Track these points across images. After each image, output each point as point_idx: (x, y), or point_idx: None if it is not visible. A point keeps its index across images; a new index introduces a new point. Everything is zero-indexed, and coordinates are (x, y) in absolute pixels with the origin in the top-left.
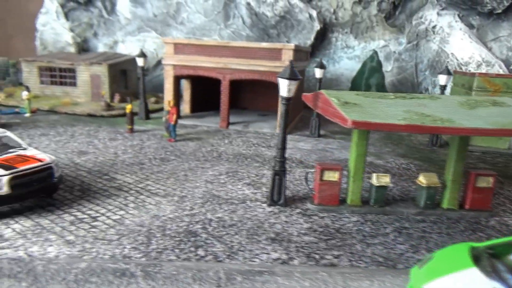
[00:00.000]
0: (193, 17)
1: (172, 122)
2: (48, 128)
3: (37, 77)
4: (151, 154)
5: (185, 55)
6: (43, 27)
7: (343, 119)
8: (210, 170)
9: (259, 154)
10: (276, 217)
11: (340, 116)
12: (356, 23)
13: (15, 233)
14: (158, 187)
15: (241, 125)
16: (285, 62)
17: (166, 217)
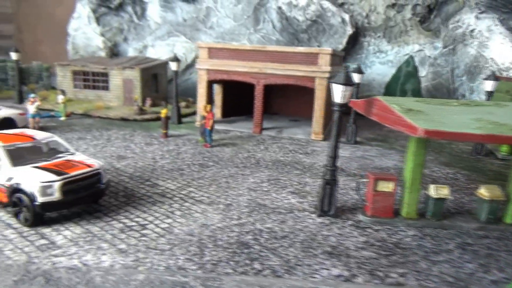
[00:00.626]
0: (223, 21)
1: (208, 127)
2: (84, 131)
3: (70, 81)
4: (189, 160)
5: (219, 60)
6: (75, 32)
7: (412, 128)
8: (251, 177)
9: (298, 161)
10: (329, 229)
11: (406, 124)
12: (389, 27)
13: (67, 240)
14: (202, 194)
15: (274, 131)
16: (321, 66)
17: (215, 227)
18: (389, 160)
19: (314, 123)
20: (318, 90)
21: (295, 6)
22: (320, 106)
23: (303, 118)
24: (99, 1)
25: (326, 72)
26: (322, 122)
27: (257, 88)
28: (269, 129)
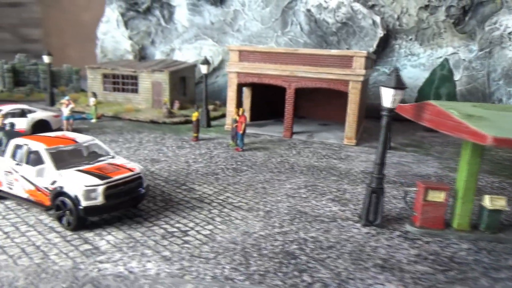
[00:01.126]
0: (250, 24)
1: (241, 131)
2: (116, 134)
3: (101, 84)
4: (222, 164)
5: (250, 63)
6: (104, 36)
7: (478, 135)
8: (287, 183)
9: (333, 167)
10: (376, 240)
11: (471, 131)
12: (422, 30)
13: (111, 246)
14: (239, 200)
15: (304, 135)
16: (355, 70)
17: (257, 235)
18: (427, 167)
19: (347, 128)
20: (352, 93)
21: (325, 8)
22: (353, 110)
23: (332, 122)
24: (128, 5)
25: (360, 76)
26: (355, 126)
27: (288, 92)
28: (299, 133)
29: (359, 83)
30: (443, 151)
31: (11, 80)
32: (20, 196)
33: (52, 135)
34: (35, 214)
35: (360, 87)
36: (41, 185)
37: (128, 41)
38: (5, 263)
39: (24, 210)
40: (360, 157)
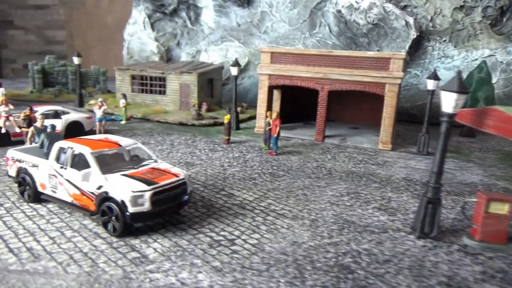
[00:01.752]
0: (277, 26)
1: (275, 134)
2: (147, 136)
3: (129, 85)
4: (258, 168)
5: (282, 65)
6: (130, 37)
7: None
8: (328, 189)
9: (372, 173)
10: (435, 254)
11: None
12: (456, 31)
13: (158, 254)
14: (282, 207)
15: (336, 139)
16: (393, 72)
17: (307, 245)
18: (472, 175)
19: (382, 132)
20: (388, 97)
21: (356, 9)
22: (389, 114)
23: (362, 125)
24: (155, 7)
25: (398, 78)
26: (391, 131)
27: (321, 94)
28: (331, 136)
29: (396, 86)
30: (484, 157)
31: (40, 81)
32: (64, 200)
33: (95, 138)
34: (78, 218)
35: (397, 90)
36: (87, 189)
37: (154, 42)
38: (55, 271)
39: (67, 214)
40: (398, 163)
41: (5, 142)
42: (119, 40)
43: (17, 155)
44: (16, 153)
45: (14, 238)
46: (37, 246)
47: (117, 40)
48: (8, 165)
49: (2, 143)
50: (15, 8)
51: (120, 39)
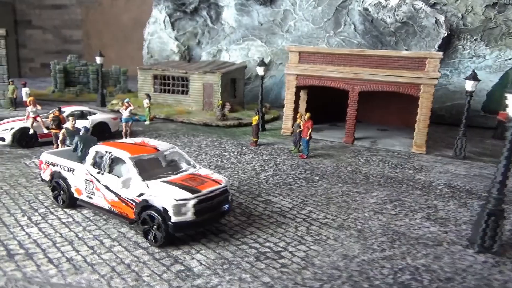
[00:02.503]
0: (300, 24)
1: (306, 137)
2: (172, 137)
3: (151, 85)
4: (291, 173)
5: (311, 65)
6: (151, 37)
7: None
8: (368, 196)
9: (411, 179)
10: (500, 272)
11: None
12: (489, 29)
13: (204, 267)
14: (324, 216)
15: (367, 141)
16: (429, 72)
17: (359, 259)
18: None
19: (416, 135)
20: (424, 98)
21: (384, 7)
22: (425, 116)
23: (390, 127)
24: (176, 6)
25: (434, 79)
26: (426, 133)
27: (351, 95)
28: (361, 139)
29: (432, 87)
30: None
31: (62, 81)
32: (102, 206)
33: (131, 142)
34: (116, 226)
35: (433, 91)
36: (127, 196)
37: (174, 42)
38: (99, 285)
39: (103, 221)
40: (436, 168)
41: (32, 143)
42: (135, 40)
43: (51, 159)
44: (50, 157)
45: (52, 247)
46: (77, 256)
47: (133, 39)
48: (41, 169)
49: (30, 143)
50: (33, 8)
51: (136, 38)
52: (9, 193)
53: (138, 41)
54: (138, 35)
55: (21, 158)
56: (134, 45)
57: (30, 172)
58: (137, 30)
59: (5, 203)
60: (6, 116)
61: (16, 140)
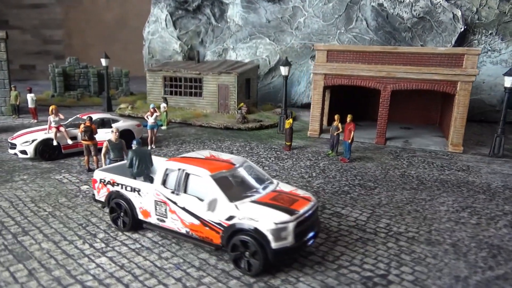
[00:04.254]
0: (310, 21)
1: (349, 140)
2: (197, 143)
3: (161, 87)
4: (342, 179)
5: (340, 63)
6: (152, 36)
7: None
8: (436, 203)
9: (466, 181)
10: None
11: None
12: (504, 23)
13: None
14: (405, 229)
15: (398, 141)
16: (467, 69)
17: (473, 280)
18: None
19: (453, 133)
20: (461, 95)
21: (400, 2)
22: (462, 114)
23: (412, 125)
24: (177, 4)
25: (472, 76)
26: (463, 132)
27: (382, 94)
28: (391, 139)
29: (469, 84)
30: None
31: (62, 84)
32: (176, 230)
33: (199, 155)
34: (192, 251)
35: (470, 89)
36: (211, 219)
37: (177, 41)
38: None
39: (175, 246)
40: (482, 168)
41: (55, 155)
42: (120, 39)
43: (108, 177)
44: (106, 175)
45: (135, 282)
46: None
47: (118, 39)
48: (95, 188)
49: (54, 156)
50: (11, 8)
51: (121, 37)
52: (56, 215)
53: (123, 40)
54: (123, 34)
55: (49, 173)
56: (119, 45)
57: (66, 189)
58: (122, 29)
59: (56, 228)
60: (10, 125)
61: (39, 152)
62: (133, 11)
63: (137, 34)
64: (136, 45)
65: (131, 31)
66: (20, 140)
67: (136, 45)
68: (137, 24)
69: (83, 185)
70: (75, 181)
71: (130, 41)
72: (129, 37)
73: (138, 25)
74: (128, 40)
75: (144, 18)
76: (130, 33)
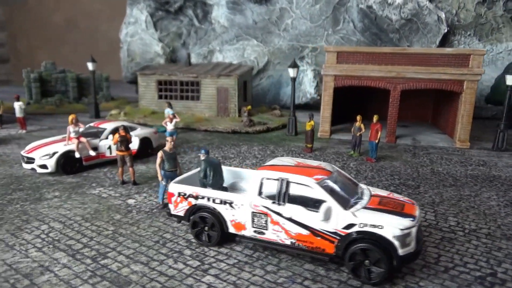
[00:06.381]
0: (298, 22)
1: (376, 140)
2: (214, 148)
3: (154, 92)
4: (382, 180)
5: (350, 64)
6: (131, 38)
7: None
8: (483, 198)
9: (493, 176)
10: None
11: None
12: (480, 25)
13: None
14: (476, 225)
15: (407, 139)
16: (473, 69)
17: None
18: None
19: (460, 130)
20: (467, 94)
21: (389, 4)
22: (468, 112)
23: (407, 123)
24: (158, 5)
25: (478, 75)
26: (469, 128)
27: (392, 94)
28: (399, 137)
29: (475, 83)
30: None
31: (38, 91)
32: (278, 242)
33: (290, 163)
34: (294, 262)
35: (476, 87)
36: (324, 229)
37: (158, 43)
38: None
39: (272, 258)
40: (497, 162)
41: (77, 168)
42: (70, 41)
43: (190, 190)
44: (187, 188)
45: None
46: None
47: (68, 41)
48: (171, 203)
49: (75, 169)
50: None
51: (71, 39)
52: (122, 234)
53: (73, 42)
54: (73, 35)
55: (81, 188)
56: (69, 47)
57: (113, 204)
58: (72, 30)
59: (134, 247)
60: None
61: (61, 166)
62: (83, 11)
63: (89, 35)
64: (86, 47)
65: (82, 32)
66: (38, 154)
67: (87, 47)
68: (88, 25)
69: (128, 199)
70: (115, 195)
71: (80, 43)
72: (80, 38)
73: (90, 25)
74: (79, 41)
75: (96, 19)
76: (81, 34)
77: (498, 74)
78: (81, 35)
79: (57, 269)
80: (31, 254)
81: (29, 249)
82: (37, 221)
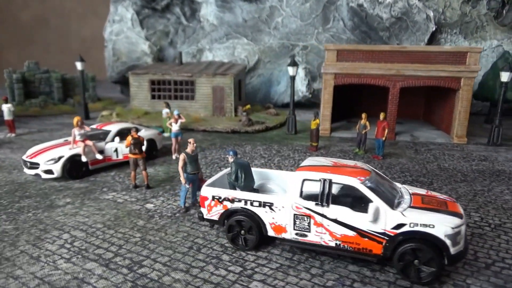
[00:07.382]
0: (288, 21)
1: (383, 137)
2: (216, 148)
3: (147, 92)
4: (395, 176)
5: (350, 62)
6: (116, 37)
7: None
8: (497, 193)
9: (499, 171)
10: None
11: None
12: (465, 23)
13: None
14: (499, 219)
15: (405, 136)
16: (470, 66)
17: None
18: None
19: (457, 126)
20: (464, 90)
21: (380, 3)
22: (465, 108)
23: (401, 120)
24: (144, 3)
25: (475, 72)
26: (466, 124)
27: (391, 92)
28: (397, 134)
29: (472, 80)
30: None
31: (21, 92)
32: (322, 244)
33: (327, 163)
34: (337, 264)
35: (472, 84)
36: (372, 229)
37: (145, 42)
38: None
39: (313, 260)
40: (497, 156)
41: (83, 173)
42: (40, 40)
43: (225, 194)
44: (221, 191)
45: None
46: None
47: (37, 40)
48: (204, 207)
49: (81, 173)
50: None
51: (41, 38)
52: (153, 242)
53: (43, 41)
54: (43, 34)
55: (92, 194)
56: (38, 46)
57: (132, 209)
58: (41, 29)
59: (168, 255)
60: None
61: (67, 171)
62: (54, 8)
63: (60, 33)
64: (58, 46)
65: (53, 31)
66: (43, 158)
67: (59, 46)
68: (60, 23)
69: (146, 204)
70: (131, 200)
71: (52, 42)
72: (51, 37)
73: (61, 24)
74: (50, 40)
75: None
76: (52, 33)
77: (484, 71)
78: (52, 33)
79: (94, 281)
80: (60, 266)
81: (57, 260)
82: (56, 230)
